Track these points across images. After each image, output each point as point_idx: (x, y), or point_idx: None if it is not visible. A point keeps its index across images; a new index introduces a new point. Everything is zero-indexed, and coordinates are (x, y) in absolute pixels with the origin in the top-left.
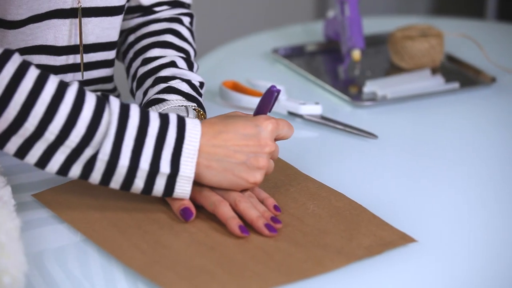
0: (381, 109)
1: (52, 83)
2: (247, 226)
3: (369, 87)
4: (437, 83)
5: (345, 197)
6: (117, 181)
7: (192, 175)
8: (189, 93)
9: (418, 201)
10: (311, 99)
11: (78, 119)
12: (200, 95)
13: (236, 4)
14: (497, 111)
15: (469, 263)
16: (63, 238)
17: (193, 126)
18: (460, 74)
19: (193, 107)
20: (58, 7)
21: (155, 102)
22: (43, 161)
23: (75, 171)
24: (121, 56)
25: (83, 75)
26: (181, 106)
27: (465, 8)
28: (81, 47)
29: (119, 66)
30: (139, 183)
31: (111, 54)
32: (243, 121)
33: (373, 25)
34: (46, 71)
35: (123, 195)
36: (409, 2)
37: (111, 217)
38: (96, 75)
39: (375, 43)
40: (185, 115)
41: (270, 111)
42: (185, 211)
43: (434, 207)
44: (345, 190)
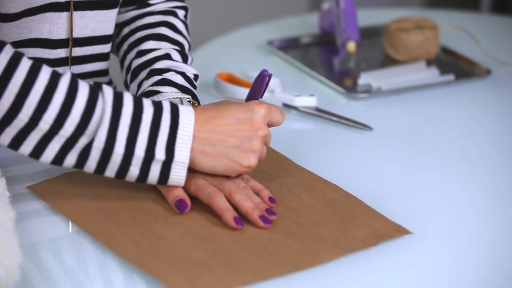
0: (376, 101)
1: (45, 73)
2: (242, 217)
3: (364, 79)
4: (432, 75)
5: (340, 189)
6: (112, 169)
7: (187, 161)
8: (184, 85)
9: (413, 193)
10: (306, 91)
11: (72, 108)
12: (194, 87)
13: None
14: (492, 103)
15: (464, 255)
16: (58, 229)
17: (186, 112)
18: (455, 66)
19: (188, 99)
20: (53, 0)
21: (149, 94)
22: (38, 151)
23: (70, 160)
24: (115, 48)
25: (70, 68)
26: (176, 98)
27: (459, 0)
28: (71, 41)
29: (115, 59)
30: (135, 170)
31: (106, 47)
32: (236, 106)
33: (368, 17)
34: (38, 61)
35: (118, 187)
36: None
37: (106, 209)
38: (91, 68)
39: (370, 35)
40: None
41: (262, 96)
42: (180, 203)
43: (429, 198)
44: (340, 181)
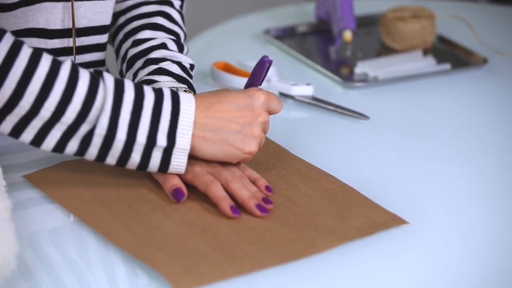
0: (372, 90)
1: (46, 61)
2: (239, 206)
3: (361, 68)
4: (428, 64)
5: (337, 180)
6: (113, 156)
7: (188, 147)
8: (180, 74)
9: (409, 182)
10: (302, 80)
11: (73, 95)
12: (190, 77)
13: None
14: (489, 92)
15: (461, 245)
16: (54, 218)
17: (187, 99)
18: (451, 55)
19: (184, 89)
20: None
21: (145, 83)
22: (39, 139)
23: (72, 147)
24: (111, 37)
25: (75, 59)
26: (172, 87)
27: None
28: (74, 31)
29: (111, 49)
30: (136, 157)
31: (103, 37)
32: (236, 93)
33: (365, 6)
34: (38, 49)
35: (114, 176)
36: None
37: (102, 198)
38: (88, 58)
39: (367, 24)
40: None
41: (261, 83)
42: (176, 192)
43: (425, 188)
44: (336, 170)
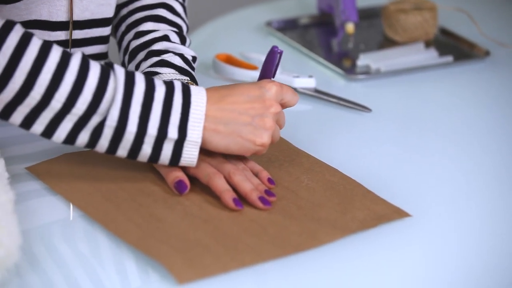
0: (374, 82)
1: (56, 52)
2: (241, 199)
3: (363, 60)
4: (430, 56)
5: (339, 172)
6: (124, 148)
7: (199, 140)
8: (182, 66)
9: (412, 175)
10: (304, 72)
11: (84, 86)
12: (192, 69)
13: None
14: (491, 84)
15: (463, 237)
16: (57, 210)
17: (198, 91)
18: (454, 47)
19: (186, 81)
20: None
21: (148, 75)
22: (50, 131)
23: (83, 138)
24: (113, 29)
25: (70, 51)
26: (174, 79)
27: None
28: (71, 24)
29: (113, 41)
30: (147, 149)
31: (106, 30)
32: (247, 85)
33: None
34: (48, 41)
35: (117, 169)
36: None
37: (105, 190)
38: (91, 51)
39: (369, 16)
40: None
41: (274, 75)
42: (179, 184)
43: (428, 181)
44: (339, 163)
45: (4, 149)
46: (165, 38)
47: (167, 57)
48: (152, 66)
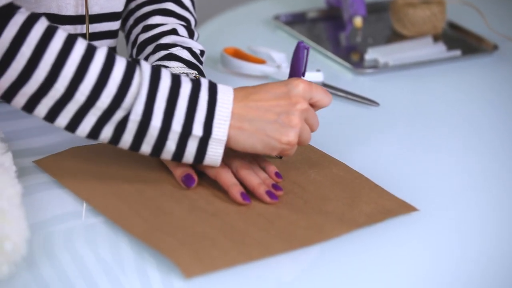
0: (382, 76)
1: (81, 44)
2: (249, 193)
3: (371, 55)
4: (439, 50)
5: (347, 166)
6: (149, 143)
7: (224, 138)
8: (190, 60)
9: (420, 169)
10: (312, 66)
11: (109, 79)
12: (201, 63)
13: None
14: (499, 78)
15: (470, 231)
16: (64, 204)
17: (225, 89)
18: (462, 41)
19: (194, 75)
20: None
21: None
22: (74, 124)
23: (106, 133)
24: (121, 23)
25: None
26: (182, 73)
27: None
28: (87, 17)
29: (122, 36)
30: (171, 146)
31: (115, 24)
32: (273, 83)
33: None
34: (74, 34)
35: (125, 162)
36: None
37: (113, 184)
38: (99, 45)
39: (377, 10)
40: None
41: (304, 73)
42: (187, 178)
43: (436, 175)
44: (346, 157)
45: (12, 142)
46: (173, 32)
47: (175, 50)
48: (160, 59)
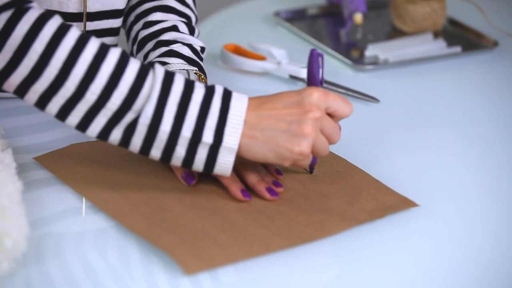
0: (383, 72)
1: (94, 43)
2: (249, 190)
3: (371, 51)
4: (439, 47)
5: (347, 162)
6: (158, 148)
7: (235, 147)
8: (191, 57)
9: (420, 165)
10: None
11: (120, 80)
12: (201, 59)
13: None
14: (499, 75)
15: (471, 227)
16: (65, 200)
17: (240, 97)
18: (462, 38)
19: (194, 71)
20: None
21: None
22: (84, 124)
23: (116, 135)
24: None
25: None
26: (182, 69)
27: None
28: (85, 15)
29: (123, 33)
30: (181, 151)
31: (116, 22)
32: (288, 92)
33: None
34: (88, 33)
35: (125, 160)
36: None
37: (113, 181)
38: None
39: (377, 6)
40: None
41: (321, 82)
42: (187, 175)
43: (436, 171)
44: (346, 153)
45: (12, 139)
46: (174, 28)
47: (176, 47)
48: (160, 56)
